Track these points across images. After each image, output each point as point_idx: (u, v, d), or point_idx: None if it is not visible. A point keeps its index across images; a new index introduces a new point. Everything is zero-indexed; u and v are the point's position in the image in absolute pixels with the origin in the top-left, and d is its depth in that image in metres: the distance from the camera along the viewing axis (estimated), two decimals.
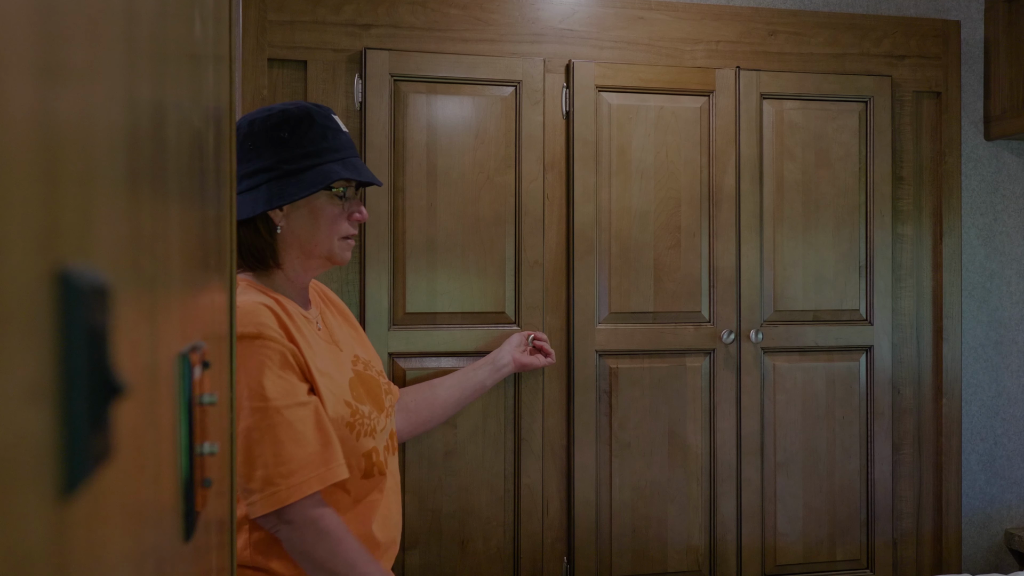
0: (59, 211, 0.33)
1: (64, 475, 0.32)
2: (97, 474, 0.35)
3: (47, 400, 0.30)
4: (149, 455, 0.50)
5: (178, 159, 0.60)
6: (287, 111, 1.43)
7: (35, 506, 0.30)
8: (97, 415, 0.34)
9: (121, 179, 0.44)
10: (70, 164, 0.35)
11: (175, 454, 0.59)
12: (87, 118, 0.38)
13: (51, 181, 0.33)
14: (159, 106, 0.55)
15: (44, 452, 0.30)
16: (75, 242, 0.35)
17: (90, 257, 0.37)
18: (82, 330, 0.32)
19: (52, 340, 0.31)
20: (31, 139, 0.31)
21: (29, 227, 0.30)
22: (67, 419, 0.31)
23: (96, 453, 0.34)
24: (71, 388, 0.31)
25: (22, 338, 0.29)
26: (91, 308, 0.33)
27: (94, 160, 0.39)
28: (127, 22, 0.47)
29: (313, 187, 1.40)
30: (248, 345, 1.29)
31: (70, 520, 0.33)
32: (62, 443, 0.31)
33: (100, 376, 0.34)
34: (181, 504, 0.61)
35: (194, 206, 0.67)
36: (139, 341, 0.46)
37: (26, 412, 0.29)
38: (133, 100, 0.48)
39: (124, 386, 0.37)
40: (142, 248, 0.49)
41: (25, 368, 0.29)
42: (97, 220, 0.39)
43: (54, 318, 0.31)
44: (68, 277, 0.32)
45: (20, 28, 0.30)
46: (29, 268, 0.30)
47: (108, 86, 0.42)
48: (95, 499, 0.36)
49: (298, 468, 1.28)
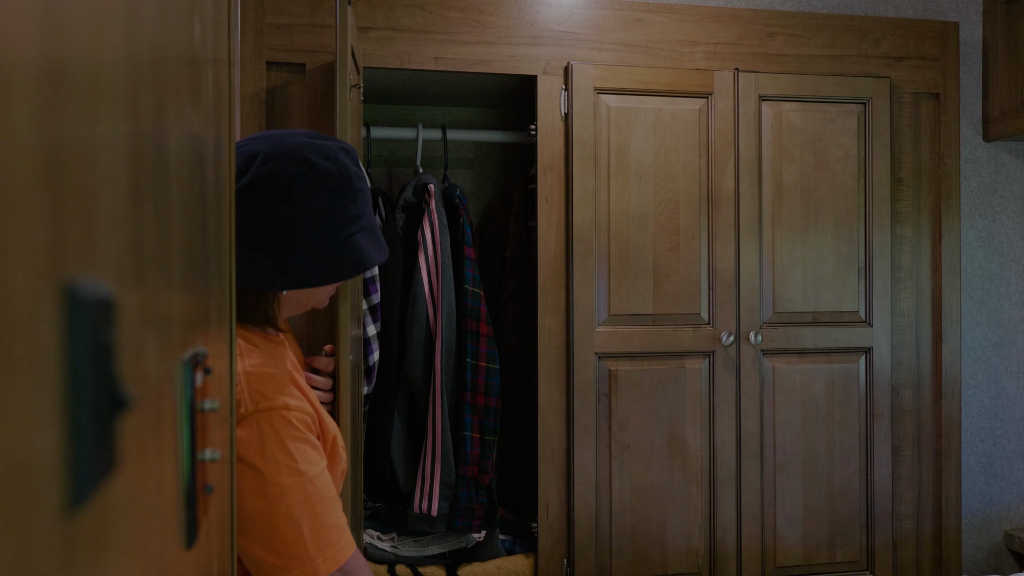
0: (64, 222, 0.33)
1: (71, 489, 0.31)
2: (102, 486, 0.35)
3: (54, 415, 0.30)
4: (153, 464, 0.50)
5: (179, 166, 0.60)
6: (328, 173, 1.28)
7: (43, 520, 0.30)
8: (104, 429, 0.34)
9: (124, 187, 0.44)
10: (74, 175, 0.35)
11: (177, 461, 0.59)
12: (91, 127, 0.38)
13: (55, 193, 0.32)
14: (160, 113, 0.55)
15: (51, 467, 0.30)
16: (80, 253, 0.35)
17: (94, 267, 0.37)
18: (88, 344, 0.32)
19: (59, 354, 0.31)
20: (35, 151, 0.31)
21: (34, 239, 0.30)
22: (74, 434, 0.31)
23: (102, 466, 0.34)
24: (78, 403, 0.31)
25: (30, 352, 0.29)
26: (97, 321, 0.33)
27: (97, 170, 0.39)
28: (128, 29, 0.46)
29: (343, 276, 1.32)
30: (279, 418, 1.24)
31: (75, 533, 0.33)
32: (69, 458, 0.31)
33: (106, 390, 0.34)
34: (183, 511, 0.60)
35: (194, 209, 0.66)
36: (143, 350, 0.46)
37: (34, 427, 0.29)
38: (135, 108, 0.47)
39: (129, 399, 0.37)
40: (144, 255, 0.48)
41: (33, 382, 0.29)
42: (101, 229, 0.39)
43: (61, 332, 0.31)
44: (74, 290, 0.32)
45: (23, 36, 0.30)
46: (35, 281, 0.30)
47: (111, 93, 0.42)
48: (100, 511, 0.36)
49: (342, 527, 1.28)
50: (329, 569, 1.26)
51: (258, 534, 1.22)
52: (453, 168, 2.59)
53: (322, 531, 1.25)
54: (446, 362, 2.20)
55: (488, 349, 2.21)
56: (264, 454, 1.22)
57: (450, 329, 2.20)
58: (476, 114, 2.66)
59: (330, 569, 1.26)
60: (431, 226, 2.22)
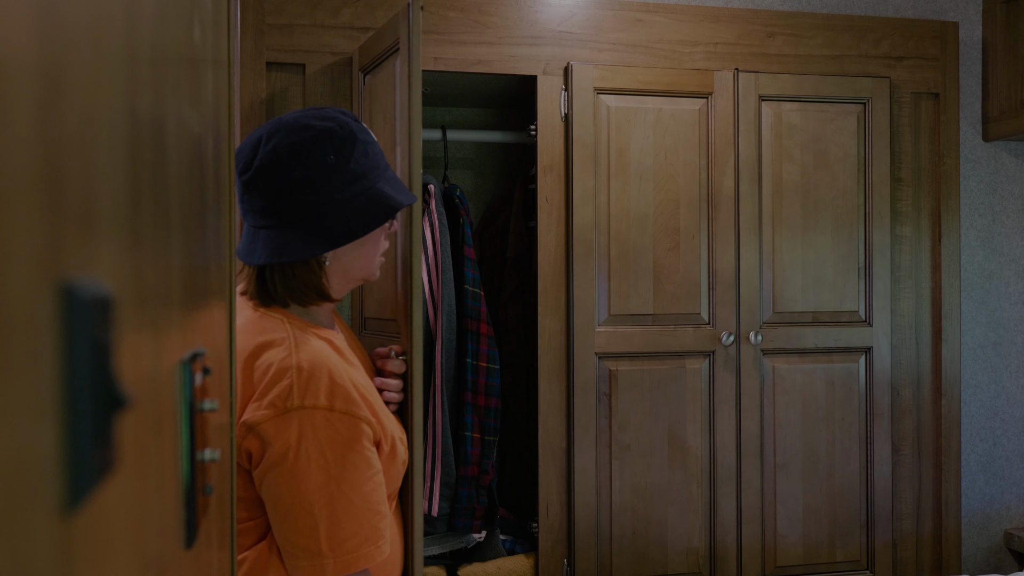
0: (62, 222, 0.33)
1: (69, 490, 0.31)
2: (101, 487, 0.35)
3: (52, 415, 0.30)
4: (152, 464, 0.50)
5: (179, 167, 0.60)
6: (328, 132, 1.31)
7: (40, 521, 0.30)
8: (102, 429, 0.34)
9: (123, 187, 0.44)
10: (73, 175, 0.35)
11: (177, 462, 0.59)
12: (89, 127, 0.38)
13: (54, 193, 0.33)
14: (160, 114, 0.55)
15: (49, 467, 0.30)
16: (78, 253, 0.35)
17: (93, 268, 0.37)
18: (86, 343, 0.32)
19: (57, 354, 0.31)
20: (34, 151, 0.31)
21: (33, 239, 0.30)
22: (72, 434, 0.31)
23: (100, 466, 0.34)
24: (76, 402, 0.31)
25: (27, 352, 0.29)
26: (95, 321, 0.33)
27: (96, 170, 0.39)
28: (128, 29, 0.46)
29: (376, 222, 1.33)
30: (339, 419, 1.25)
31: (74, 534, 0.33)
32: (67, 458, 0.31)
33: (105, 389, 0.34)
34: (183, 512, 0.60)
35: (194, 209, 0.66)
36: (142, 350, 0.46)
37: (32, 427, 0.29)
38: (134, 108, 0.47)
39: (128, 399, 0.37)
40: (143, 255, 0.48)
41: (30, 382, 0.29)
42: (99, 230, 0.39)
43: (59, 331, 0.31)
44: (72, 290, 0.32)
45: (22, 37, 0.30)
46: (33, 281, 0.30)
47: (110, 94, 0.42)
48: (99, 512, 0.36)
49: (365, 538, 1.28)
50: (339, 571, 1.26)
51: (277, 518, 1.25)
52: (453, 168, 2.60)
53: (339, 534, 1.25)
54: (446, 362, 2.20)
55: (488, 349, 2.21)
56: (299, 449, 1.23)
57: (450, 329, 2.20)
58: (476, 114, 2.66)
59: (340, 571, 1.26)
60: (431, 226, 2.22)
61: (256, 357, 1.27)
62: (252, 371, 1.26)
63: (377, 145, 1.39)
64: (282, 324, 1.32)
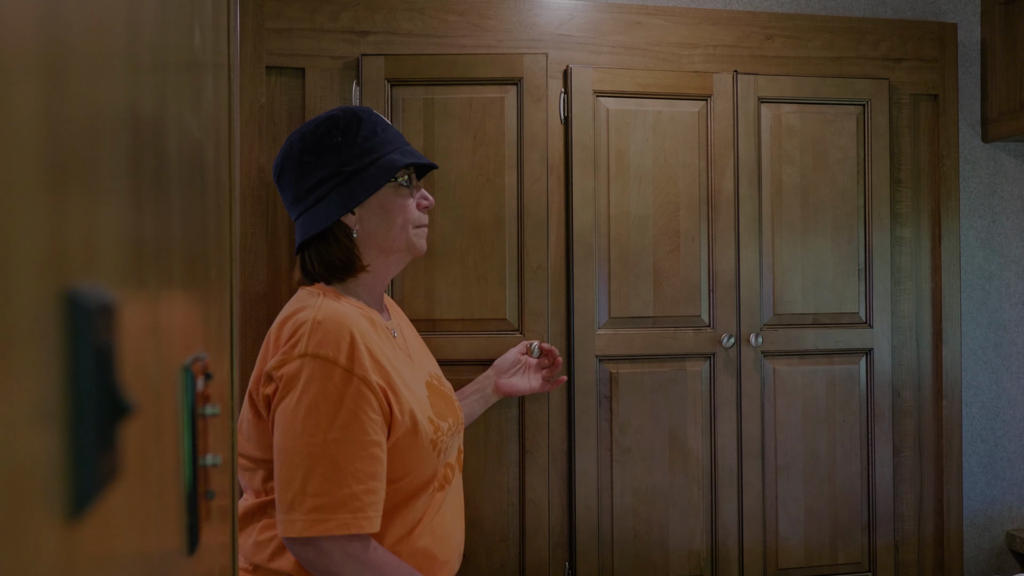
0: (64, 228, 0.33)
1: (73, 498, 0.31)
2: (104, 494, 0.35)
3: (57, 422, 0.30)
4: (154, 471, 0.49)
5: (179, 170, 0.60)
6: (333, 117, 1.46)
7: (45, 529, 0.29)
8: (106, 436, 0.34)
9: (124, 193, 0.44)
10: (74, 180, 0.35)
11: (179, 468, 0.58)
12: (91, 132, 0.38)
13: (56, 198, 0.32)
14: (160, 117, 0.54)
15: (53, 475, 0.30)
16: (80, 259, 0.35)
17: (95, 273, 0.36)
18: (90, 351, 0.32)
19: (61, 361, 0.31)
20: (35, 156, 0.31)
21: (36, 246, 0.30)
22: (77, 441, 0.31)
23: (105, 474, 0.34)
24: (81, 410, 0.31)
25: (31, 359, 0.28)
26: (99, 327, 0.33)
27: (98, 176, 0.39)
28: (129, 33, 0.46)
29: (379, 181, 1.43)
30: (343, 377, 1.28)
31: (78, 541, 0.33)
32: (70, 465, 0.31)
33: (109, 396, 0.34)
34: (184, 518, 0.60)
35: (195, 215, 0.66)
36: (144, 356, 0.46)
37: (37, 434, 0.29)
38: (135, 112, 0.47)
39: (131, 406, 0.37)
40: (145, 261, 0.48)
41: (34, 389, 0.29)
42: (101, 235, 0.38)
43: (63, 338, 0.31)
44: (75, 296, 0.31)
45: (23, 40, 0.30)
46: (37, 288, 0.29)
47: (111, 98, 0.42)
48: (102, 519, 0.36)
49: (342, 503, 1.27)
50: (306, 530, 1.25)
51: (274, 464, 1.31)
52: None
53: (310, 489, 1.26)
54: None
55: None
56: (299, 395, 1.28)
57: None
58: None
59: (306, 532, 1.25)
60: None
61: (287, 321, 1.36)
62: (281, 332, 1.35)
63: (392, 128, 1.50)
64: (317, 294, 1.41)
